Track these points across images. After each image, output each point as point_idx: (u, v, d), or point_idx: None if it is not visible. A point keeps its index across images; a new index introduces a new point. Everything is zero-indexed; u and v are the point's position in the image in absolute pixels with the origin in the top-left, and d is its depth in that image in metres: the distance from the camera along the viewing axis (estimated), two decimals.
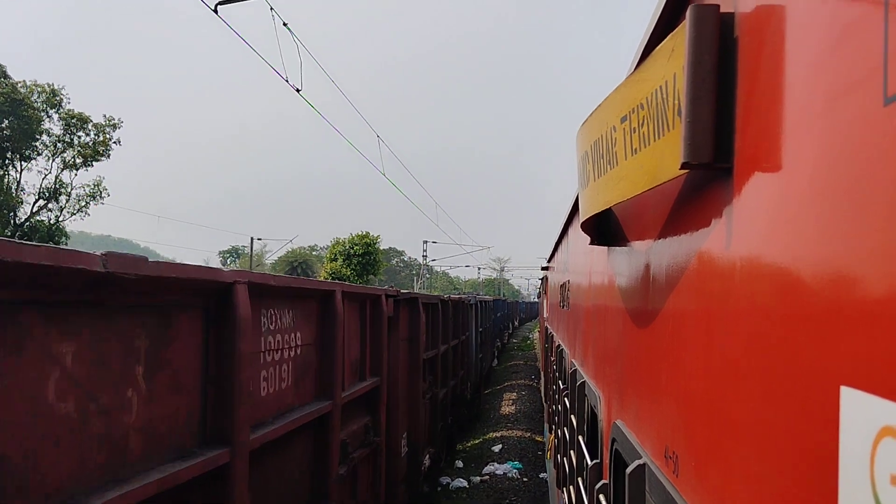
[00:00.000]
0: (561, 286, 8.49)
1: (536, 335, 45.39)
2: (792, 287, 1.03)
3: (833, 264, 0.90)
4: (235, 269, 3.65)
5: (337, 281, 5.54)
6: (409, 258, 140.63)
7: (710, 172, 1.41)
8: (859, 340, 0.81)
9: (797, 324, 1.00)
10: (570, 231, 6.49)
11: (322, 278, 50.98)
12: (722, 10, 1.34)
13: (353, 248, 50.48)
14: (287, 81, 14.10)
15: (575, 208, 5.43)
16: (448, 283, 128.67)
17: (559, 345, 8.34)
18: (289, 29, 14.19)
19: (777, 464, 1.05)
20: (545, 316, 15.82)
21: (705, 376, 1.45)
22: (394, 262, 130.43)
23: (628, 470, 2.03)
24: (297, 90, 14.50)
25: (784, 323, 1.05)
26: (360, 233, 50.59)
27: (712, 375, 1.40)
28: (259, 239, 59.97)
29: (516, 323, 62.83)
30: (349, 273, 49.03)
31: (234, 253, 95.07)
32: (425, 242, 54.81)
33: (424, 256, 55.14)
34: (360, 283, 46.08)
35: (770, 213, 1.13)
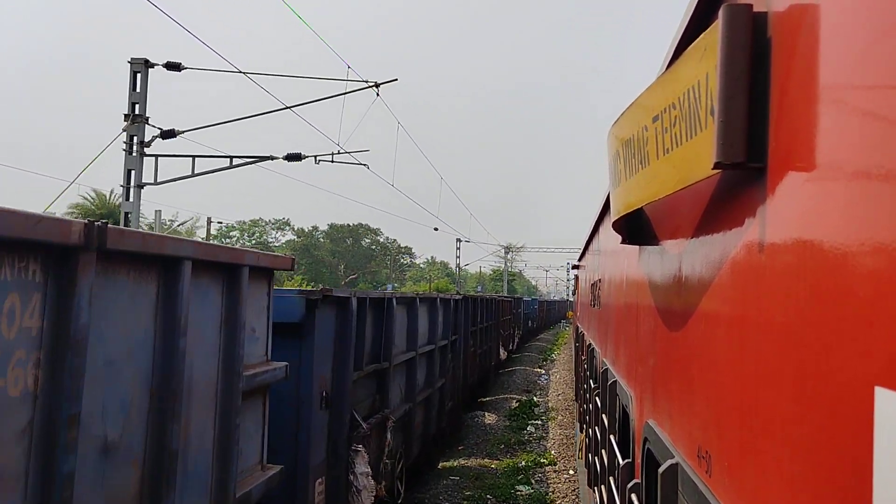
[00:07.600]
0: (592, 285, 8.44)
1: (556, 378, 23.59)
2: (826, 287, 1.03)
3: (867, 264, 0.90)
4: None
5: None
6: (388, 239, 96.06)
7: (744, 172, 1.40)
8: (894, 341, 0.81)
9: (831, 323, 1.00)
10: (601, 229, 6.45)
11: None
12: (755, 9, 1.34)
13: None
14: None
15: (606, 206, 5.40)
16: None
17: (590, 343, 8.30)
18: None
19: (811, 464, 1.05)
20: (577, 314, 15.75)
21: (738, 376, 1.44)
22: (365, 242, 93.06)
23: (661, 469, 2.03)
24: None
25: (818, 322, 1.05)
26: None
27: (745, 375, 1.39)
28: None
29: (513, 346, 29.14)
30: None
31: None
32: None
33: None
34: None
35: (804, 213, 1.13)
